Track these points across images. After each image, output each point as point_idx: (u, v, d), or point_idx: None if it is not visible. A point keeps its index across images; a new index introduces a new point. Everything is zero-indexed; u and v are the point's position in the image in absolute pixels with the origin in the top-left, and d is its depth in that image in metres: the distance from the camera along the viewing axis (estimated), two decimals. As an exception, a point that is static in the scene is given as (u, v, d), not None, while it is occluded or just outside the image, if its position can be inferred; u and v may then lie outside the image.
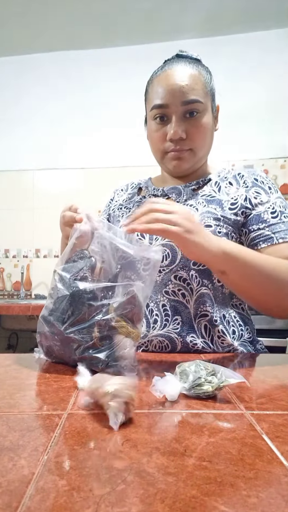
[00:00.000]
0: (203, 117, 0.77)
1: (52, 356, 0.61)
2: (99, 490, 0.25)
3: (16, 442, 0.32)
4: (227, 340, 0.73)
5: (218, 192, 0.80)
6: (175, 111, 0.76)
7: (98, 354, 0.53)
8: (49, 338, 0.58)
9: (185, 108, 0.75)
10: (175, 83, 0.75)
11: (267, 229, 0.74)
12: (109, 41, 2.58)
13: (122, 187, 0.99)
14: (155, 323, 0.74)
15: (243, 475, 0.27)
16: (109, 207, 0.97)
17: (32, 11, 2.32)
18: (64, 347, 0.57)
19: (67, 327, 0.55)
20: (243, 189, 0.79)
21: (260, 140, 2.48)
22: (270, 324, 1.72)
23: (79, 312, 0.55)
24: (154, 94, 0.79)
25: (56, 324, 0.56)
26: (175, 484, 0.26)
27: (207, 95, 0.78)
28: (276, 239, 0.72)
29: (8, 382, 0.51)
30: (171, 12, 2.32)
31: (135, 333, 0.58)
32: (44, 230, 2.64)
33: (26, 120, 2.72)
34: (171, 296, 0.75)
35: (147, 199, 0.74)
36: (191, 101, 0.75)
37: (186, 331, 0.73)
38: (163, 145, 0.80)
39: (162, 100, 0.76)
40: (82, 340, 0.54)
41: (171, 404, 0.42)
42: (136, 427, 0.36)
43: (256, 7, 2.29)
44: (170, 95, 0.75)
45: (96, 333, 0.53)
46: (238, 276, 0.65)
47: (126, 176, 2.52)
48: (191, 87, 0.75)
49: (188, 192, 0.81)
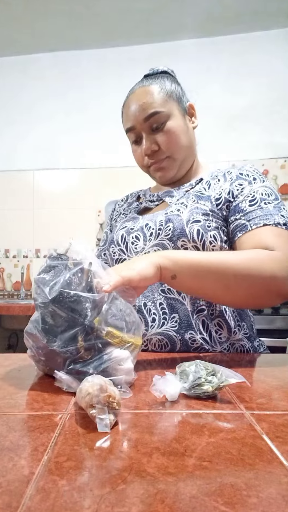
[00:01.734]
0: (168, 124, 0.81)
1: (43, 369, 0.55)
2: (99, 490, 0.25)
3: (16, 442, 0.32)
4: (224, 333, 0.74)
5: (208, 189, 0.82)
6: (142, 129, 0.82)
7: (85, 367, 0.47)
8: (35, 353, 0.52)
9: (149, 122, 0.81)
10: (135, 104, 0.82)
11: (243, 218, 0.73)
12: (109, 41, 2.58)
13: (123, 198, 1.05)
14: (153, 322, 0.75)
15: (243, 475, 0.27)
16: (111, 218, 1.02)
17: (32, 11, 2.32)
18: (50, 362, 0.51)
19: (50, 339, 0.49)
20: (228, 183, 0.80)
21: (260, 140, 2.47)
22: (270, 324, 1.72)
23: (61, 320, 0.49)
24: (124, 120, 0.87)
25: (39, 336, 0.50)
26: (175, 484, 0.26)
27: (168, 102, 0.81)
28: (250, 226, 0.71)
29: (8, 382, 0.51)
30: (171, 12, 2.32)
31: (133, 342, 0.52)
32: (44, 230, 2.64)
33: (26, 120, 2.72)
34: (167, 294, 0.75)
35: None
36: (152, 114, 0.80)
37: (184, 328, 0.73)
38: (144, 161, 0.86)
39: (128, 123, 0.84)
40: (67, 352, 0.47)
41: (171, 404, 0.42)
42: (136, 427, 0.36)
43: (256, 7, 2.29)
44: (133, 117, 0.82)
45: (81, 342, 0.47)
46: (190, 277, 0.63)
47: (126, 176, 2.52)
48: (149, 102, 0.80)
49: (181, 193, 0.84)
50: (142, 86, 0.83)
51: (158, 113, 0.80)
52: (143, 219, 0.84)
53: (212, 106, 2.46)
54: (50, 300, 0.49)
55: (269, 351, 0.83)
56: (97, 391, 0.36)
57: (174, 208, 0.79)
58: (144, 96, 0.81)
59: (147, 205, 0.90)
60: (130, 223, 0.86)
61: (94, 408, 0.35)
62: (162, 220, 0.78)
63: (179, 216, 0.76)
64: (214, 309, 0.75)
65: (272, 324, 1.72)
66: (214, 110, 2.46)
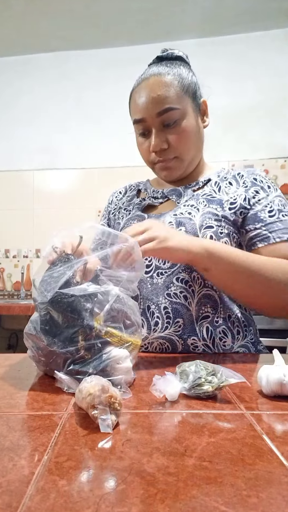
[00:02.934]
0: (182, 122, 0.77)
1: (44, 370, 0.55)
2: (99, 490, 0.25)
3: (16, 442, 0.32)
4: (228, 341, 0.73)
5: (218, 192, 0.80)
6: (153, 123, 0.77)
7: (85, 367, 0.47)
8: (35, 353, 0.52)
9: (161, 118, 0.76)
10: (148, 95, 0.75)
11: (264, 229, 0.73)
12: (109, 41, 2.58)
13: (121, 189, 0.99)
14: (156, 325, 0.74)
15: (243, 475, 0.27)
16: (108, 210, 0.97)
17: (32, 11, 2.32)
18: (50, 363, 0.51)
19: (50, 339, 0.48)
20: (243, 188, 0.79)
21: (260, 140, 2.47)
22: (270, 324, 1.72)
23: (61, 320, 0.49)
24: (132, 109, 0.81)
25: (38, 337, 0.50)
26: (175, 484, 0.26)
27: (183, 98, 0.76)
28: (273, 238, 0.72)
29: (8, 382, 0.51)
30: (171, 12, 2.32)
31: (132, 342, 0.52)
32: (44, 230, 2.64)
33: (26, 120, 2.72)
34: (173, 299, 0.74)
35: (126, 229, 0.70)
36: (166, 110, 0.75)
37: (187, 333, 0.73)
38: (150, 157, 0.82)
39: (138, 115, 0.78)
40: (67, 353, 0.47)
41: (171, 404, 0.42)
42: (136, 427, 0.36)
43: (256, 7, 2.28)
44: (145, 109, 0.76)
45: (81, 342, 0.48)
46: (222, 273, 0.67)
47: (126, 176, 2.52)
48: (164, 96, 0.74)
49: (189, 193, 0.81)
50: (158, 75, 0.76)
51: (173, 109, 0.75)
52: (150, 219, 0.81)
53: (212, 106, 2.45)
54: (48, 301, 0.49)
55: (269, 351, 0.83)
56: (99, 392, 0.36)
57: (184, 210, 0.78)
58: (159, 88, 0.75)
59: (151, 202, 0.87)
60: (135, 222, 0.83)
61: (95, 409, 0.35)
62: (172, 222, 0.76)
63: (191, 220, 0.75)
64: (219, 316, 0.74)
65: (272, 324, 1.72)
66: (214, 110, 2.45)
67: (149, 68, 0.80)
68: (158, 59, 0.83)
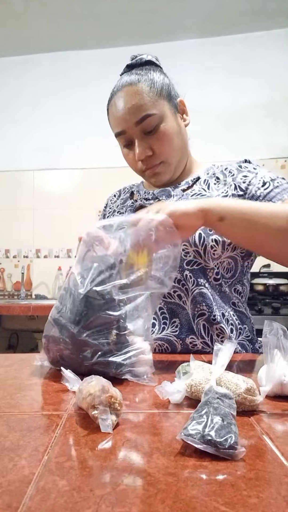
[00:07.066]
0: (161, 127, 0.76)
1: (59, 363, 0.54)
2: (99, 490, 0.25)
3: (16, 442, 0.32)
4: (226, 337, 0.74)
5: (207, 189, 0.80)
6: (133, 133, 0.77)
7: (114, 358, 0.50)
8: (59, 342, 0.53)
9: (141, 126, 0.75)
10: (123, 107, 0.76)
11: (263, 201, 0.72)
12: (109, 41, 2.58)
13: (115, 193, 1.01)
14: (153, 327, 0.74)
15: (243, 475, 0.27)
16: (104, 214, 0.99)
17: (32, 11, 2.32)
18: (76, 352, 0.52)
19: (80, 330, 0.51)
20: (230, 178, 0.79)
21: (260, 140, 2.47)
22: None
23: (94, 314, 0.51)
24: (111, 123, 0.81)
25: (69, 326, 0.52)
26: (176, 484, 0.26)
27: (158, 102, 0.76)
28: (275, 202, 0.71)
29: (8, 382, 0.51)
30: (171, 12, 2.32)
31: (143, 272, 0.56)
32: (44, 230, 2.64)
33: (26, 120, 2.72)
34: (167, 299, 0.75)
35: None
36: (143, 118, 0.75)
37: (185, 333, 0.73)
38: (137, 166, 0.81)
39: (118, 127, 0.78)
40: (99, 344, 0.50)
41: (172, 405, 0.42)
42: (136, 427, 0.36)
43: (256, 7, 2.29)
44: (123, 121, 0.76)
45: (114, 336, 0.51)
46: (239, 221, 0.61)
47: (126, 176, 2.52)
48: (139, 105, 0.74)
49: (178, 193, 0.82)
50: (130, 84, 0.76)
51: (150, 115, 0.75)
52: None
53: (212, 106, 2.46)
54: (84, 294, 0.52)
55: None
56: (99, 392, 0.36)
57: None
58: (132, 97, 0.75)
59: (142, 203, 0.87)
60: None
61: (96, 409, 0.35)
62: None
63: None
64: (215, 314, 0.74)
65: (272, 324, 1.72)
66: (214, 110, 2.46)
67: (120, 79, 0.81)
68: (128, 67, 0.83)
